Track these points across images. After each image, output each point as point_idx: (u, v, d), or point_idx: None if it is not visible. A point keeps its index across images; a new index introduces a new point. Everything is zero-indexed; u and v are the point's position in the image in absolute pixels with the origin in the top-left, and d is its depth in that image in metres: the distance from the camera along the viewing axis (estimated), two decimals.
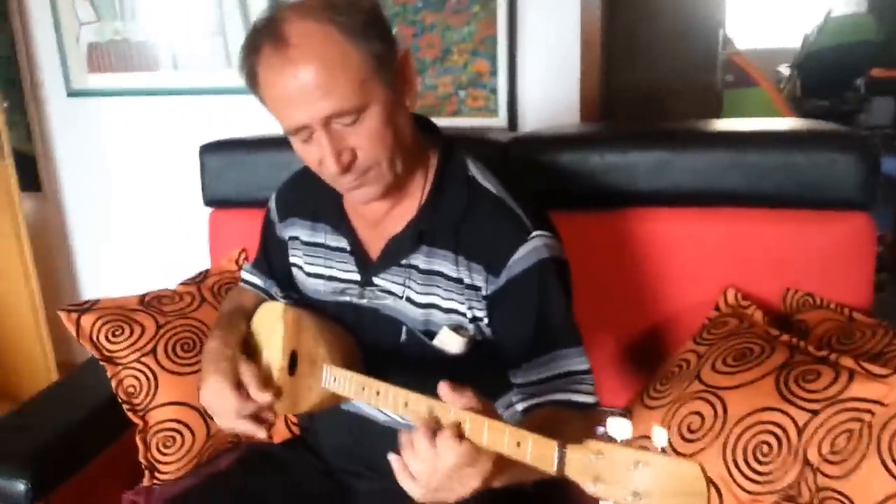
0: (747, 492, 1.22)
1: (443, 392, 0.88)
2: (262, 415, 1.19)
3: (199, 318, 1.71)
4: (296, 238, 1.38)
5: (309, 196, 1.33)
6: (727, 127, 1.74)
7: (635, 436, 1.35)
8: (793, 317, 1.47)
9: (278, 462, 1.42)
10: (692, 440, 1.29)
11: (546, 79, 2.24)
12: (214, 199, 1.97)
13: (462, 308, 1.18)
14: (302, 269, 1.37)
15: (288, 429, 1.67)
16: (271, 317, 1.28)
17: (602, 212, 1.63)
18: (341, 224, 1.29)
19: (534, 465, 0.79)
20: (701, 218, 1.58)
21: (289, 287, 1.42)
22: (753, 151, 1.53)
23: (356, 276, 1.27)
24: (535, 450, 0.78)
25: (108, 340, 1.62)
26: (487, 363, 1.19)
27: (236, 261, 1.89)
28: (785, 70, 4.87)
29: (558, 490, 0.77)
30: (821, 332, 1.38)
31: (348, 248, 1.28)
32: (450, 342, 1.18)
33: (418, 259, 1.20)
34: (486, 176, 1.23)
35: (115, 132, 2.76)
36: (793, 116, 3.76)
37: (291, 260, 1.39)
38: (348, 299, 1.28)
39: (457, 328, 1.18)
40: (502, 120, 2.28)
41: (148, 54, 2.61)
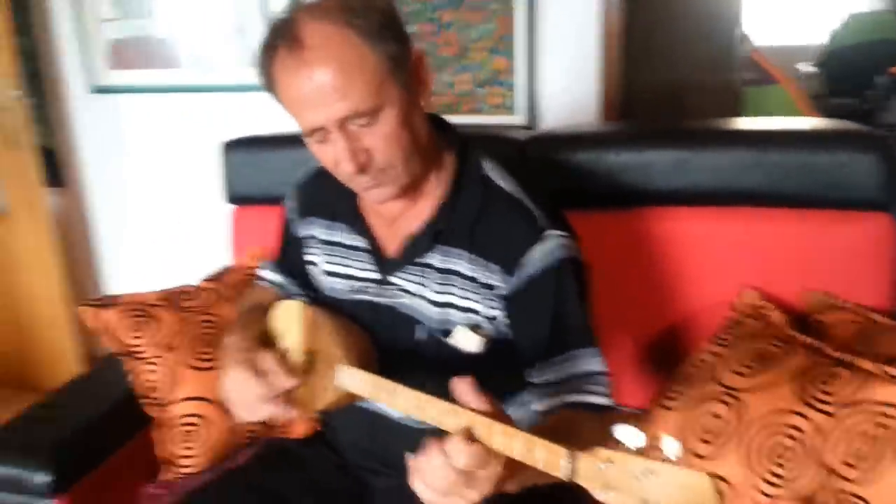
0: (765, 495, 1.21)
1: (462, 389, 0.87)
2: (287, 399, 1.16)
3: (220, 314, 1.72)
4: (313, 236, 1.39)
5: (326, 195, 1.34)
6: (745, 125, 1.73)
7: (650, 436, 1.36)
8: (812, 318, 1.46)
9: (296, 458, 1.43)
10: (710, 442, 1.29)
11: (565, 77, 2.24)
12: (237, 196, 1.98)
13: (478, 307, 1.18)
14: (319, 268, 1.37)
15: (307, 425, 1.67)
16: (288, 315, 1.29)
17: (620, 211, 1.62)
18: (358, 223, 1.30)
19: (547, 472, 0.78)
20: (719, 217, 1.57)
21: (306, 285, 1.43)
22: (773, 150, 1.52)
23: (373, 275, 1.28)
24: (546, 456, 0.78)
25: (130, 335, 1.63)
26: (503, 362, 1.19)
27: (258, 257, 1.90)
28: (804, 68, 4.83)
29: (571, 492, 0.77)
30: (840, 334, 1.37)
31: (365, 247, 1.29)
32: (466, 341, 1.19)
33: (434, 258, 1.21)
34: (502, 175, 1.23)
35: (137, 128, 2.78)
36: (815, 115, 3.72)
37: (308, 258, 1.40)
38: (365, 298, 1.29)
39: (473, 327, 1.19)
40: (521, 118, 2.28)
41: (169, 51, 2.63)
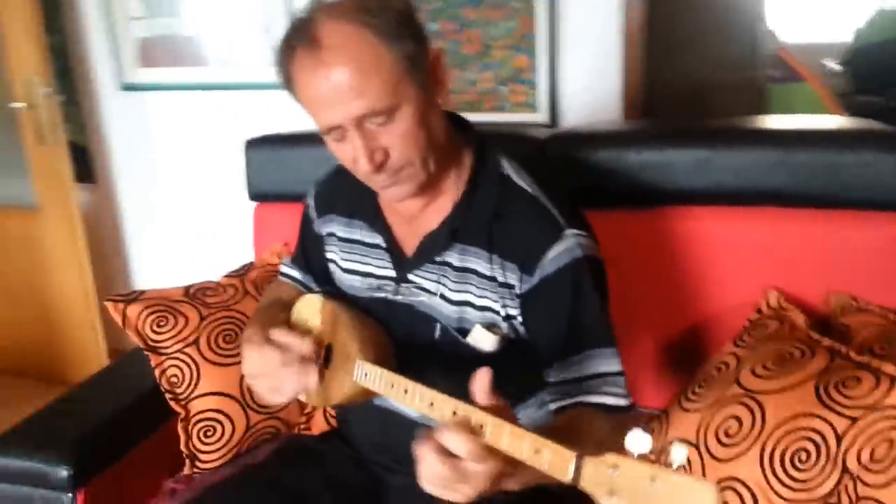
0: (784, 499, 1.20)
1: (480, 383, 0.88)
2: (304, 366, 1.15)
3: (242, 311, 1.74)
4: (332, 234, 1.39)
5: (345, 193, 1.34)
6: (769, 124, 1.71)
7: (670, 438, 1.35)
8: (835, 320, 1.44)
9: (314, 454, 1.44)
10: (729, 445, 1.27)
11: (587, 75, 2.23)
12: (259, 194, 2.00)
13: (496, 306, 1.18)
14: (338, 265, 1.38)
15: (326, 421, 1.69)
16: (310, 309, 1.30)
17: (641, 210, 1.61)
18: (377, 221, 1.30)
19: (553, 476, 0.78)
20: (742, 217, 1.55)
21: (325, 282, 1.44)
22: (796, 150, 1.50)
23: (391, 273, 1.28)
24: (553, 459, 0.78)
25: (153, 330, 1.66)
26: (521, 362, 1.19)
27: (279, 254, 1.92)
28: (831, 65, 4.75)
29: (578, 495, 0.77)
30: (863, 337, 1.35)
31: (384, 245, 1.30)
32: (483, 340, 1.19)
33: (452, 256, 1.21)
34: (520, 174, 1.23)
35: (165, 126, 2.81)
36: (841, 113, 3.67)
37: (328, 256, 1.41)
38: (383, 295, 1.29)
39: (490, 326, 1.19)
40: (543, 116, 2.27)
41: (196, 50, 2.66)
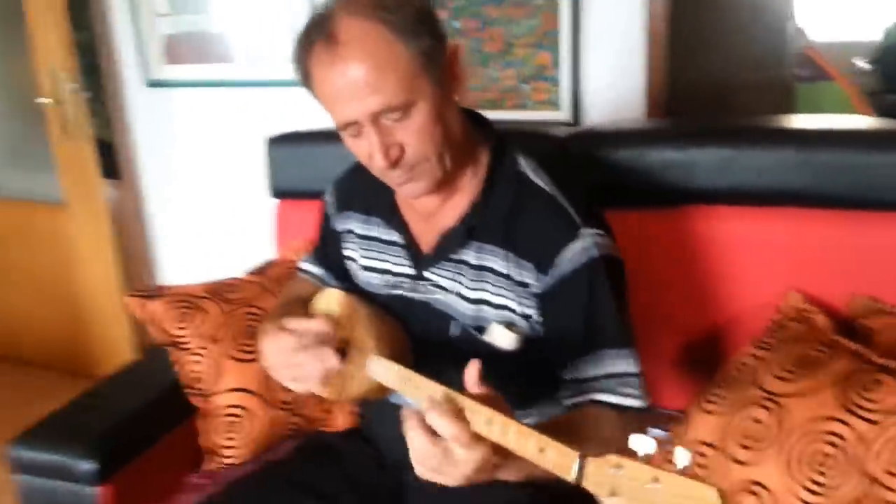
0: (806, 503, 1.19)
1: (468, 375, 0.91)
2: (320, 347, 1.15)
3: (263, 307, 1.74)
4: (350, 231, 1.40)
5: (363, 190, 1.35)
6: (793, 123, 1.70)
7: (690, 440, 1.34)
8: (858, 322, 1.43)
9: (335, 452, 1.45)
10: (750, 448, 1.26)
11: (610, 73, 2.21)
12: (280, 191, 2.01)
13: (512, 304, 1.18)
14: (356, 262, 1.39)
15: (348, 419, 1.70)
16: (328, 303, 1.30)
17: (662, 210, 1.60)
18: (394, 218, 1.31)
19: (556, 474, 0.80)
20: (764, 218, 1.54)
21: (344, 278, 1.44)
22: (821, 150, 1.48)
23: (408, 270, 1.29)
24: (557, 458, 0.79)
25: (175, 326, 1.67)
26: (539, 360, 1.19)
27: (301, 251, 1.92)
28: (860, 64, 4.68)
29: (582, 496, 0.78)
30: (886, 340, 1.34)
31: (401, 242, 1.30)
32: (500, 338, 1.19)
33: (468, 254, 1.21)
34: (538, 172, 1.22)
35: (191, 122, 2.83)
36: (869, 112, 3.62)
37: (345, 252, 1.42)
38: (400, 292, 1.30)
39: (508, 324, 1.19)
40: (566, 114, 2.26)
41: (223, 47, 2.67)
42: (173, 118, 2.85)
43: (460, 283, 1.22)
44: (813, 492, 1.19)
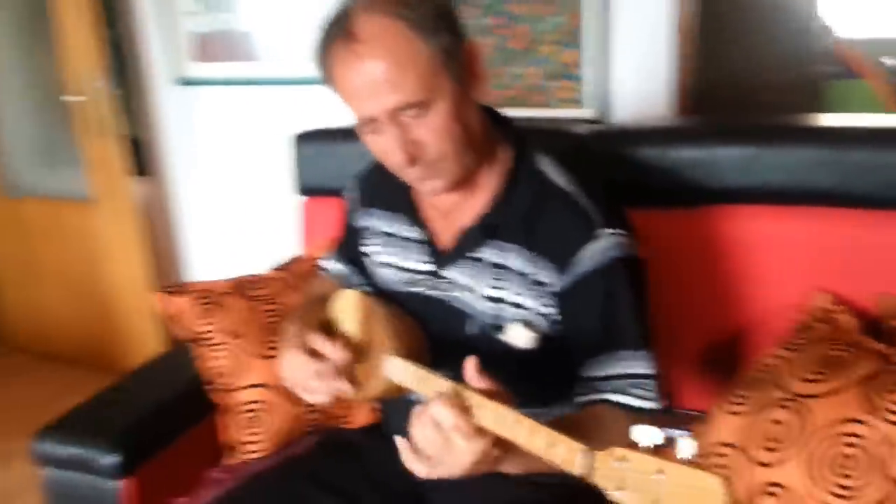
0: None
1: (467, 369, 0.92)
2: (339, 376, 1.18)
3: (286, 303, 1.75)
4: (371, 227, 1.41)
5: (384, 186, 1.35)
6: (819, 121, 1.67)
7: (713, 441, 1.33)
8: (886, 323, 1.40)
9: (354, 448, 1.45)
10: (773, 449, 1.24)
11: (637, 70, 2.19)
12: (306, 187, 2.02)
13: (531, 303, 1.18)
14: (375, 259, 1.39)
15: (369, 415, 1.70)
16: (346, 304, 1.31)
17: (686, 209, 1.58)
18: (414, 215, 1.31)
19: (562, 468, 0.81)
20: (790, 217, 1.52)
21: (366, 275, 1.45)
22: (847, 148, 1.46)
23: (427, 267, 1.29)
24: (564, 452, 0.81)
25: (198, 322, 1.68)
26: (556, 360, 1.19)
27: (326, 248, 1.93)
28: (890, 62, 4.60)
29: (592, 494, 0.79)
30: None
31: (420, 239, 1.30)
32: (518, 337, 1.19)
33: (487, 252, 1.21)
34: (558, 171, 1.22)
35: (220, 119, 2.85)
36: None
37: (364, 249, 1.42)
38: (419, 290, 1.30)
39: (526, 323, 1.18)
40: (591, 112, 2.25)
41: (251, 45, 2.69)
42: (202, 115, 2.88)
43: (478, 282, 1.22)
44: (835, 494, 1.16)
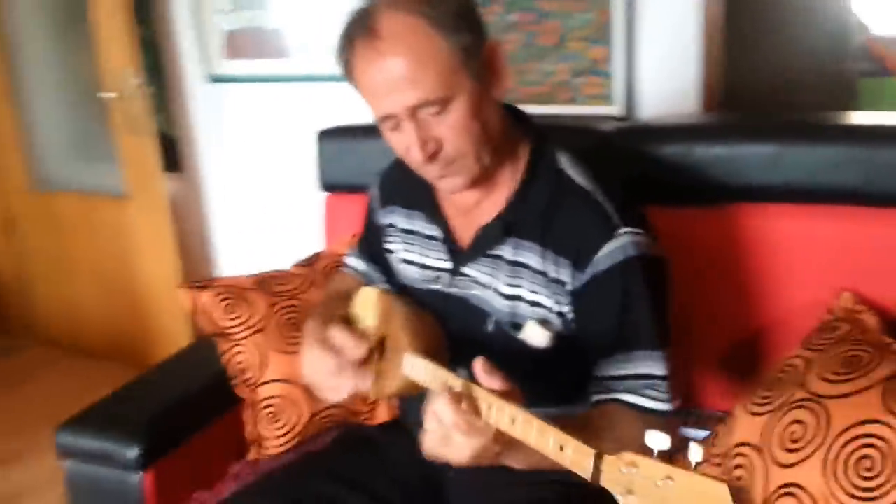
0: None
1: (477, 370, 0.93)
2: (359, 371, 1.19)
3: (309, 300, 1.76)
4: (393, 225, 1.41)
5: (406, 184, 1.35)
6: (845, 119, 1.65)
7: (734, 442, 1.32)
8: None
9: (374, 443, 1.46)
10: (793, 450, 1.23)
11: (665, 66, 2.17)
12: (329, 184, 2.03)
13: (548, 302, 1.18)
14: (397, 256, 1.40)
15: (389, 412, 1.71)
16: (366, 301, 1.32)
17: (710, 207, 1.57)
18: (434, 212, 1.31)
19: (572, 471, 0.81)
20: (814, 215, 1.49)
21: (388, 272, 1.45)
22: (872, 146, 1.43)
23: (447, 265, 1.29)
24: (574, 455, 0.81)
25: (222, 317, 1.70)
26: (573, 359, 1.19)
27: (348, 245, 1.94)
28: None
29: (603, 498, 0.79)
30: None
31: (440, 237, 1.31)
32: (535, 336, 1.19)
33: (505, 250, 1.21)
34: (577, 169, 1.21)
35: (251, 116, 2.87)
36: None
37: (387, 246, 1.43)
38: (439, 287, 1.30)
39: (542, 322, 1.18)
40: (619, 108, 2.23)
41: (281, 42, 2.71)
42: (232, 112, 2.90)
43: (496, 279, 1.22)
44: (854, 495, 1.14)
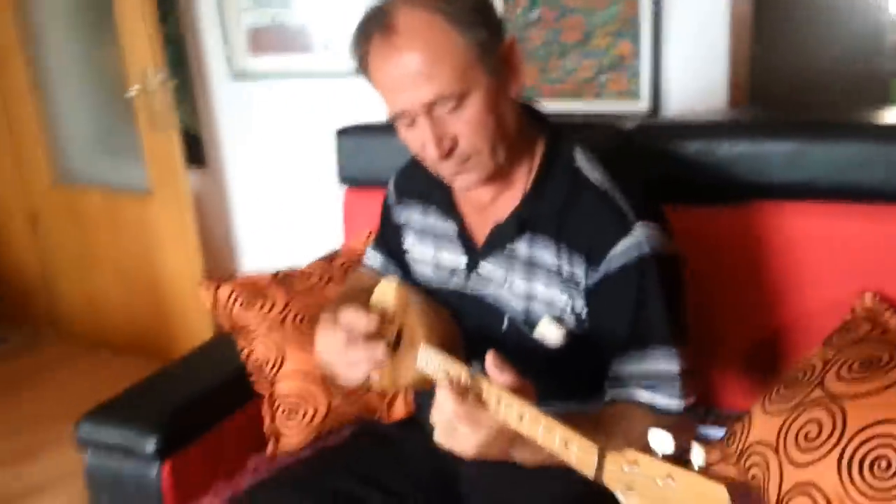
0: None
1: (488, 365, 0.93)
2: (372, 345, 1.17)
3: (327, 296, 1.76)
4: (409, 222, 1.41)
5: (422, 181, 1.35)
6: (870, 117, 1.62)
7: (751, 441, 1.30)
8: None
9: (389, 440, 1.46)
10: (808, 450, 1.21)
11: (692, 62, 2.14)
12: (349, 180, 2.03)
13: (562, 299, 1.17)
14: (413, 253, 1.39)
15: (407, 409, 1.70)
16: (385, 293, 1.32)
17: (732, 205, 1.55)
18: (450, 210, 1.31)
19: (575, 467, 0.81)
20: (838, 214, 1.47)
21: (405, 268, 1.45)
22: None
23: (462, 262, 1.29)
24: (578, 452, 0.81)
25: (241, 312, 1.70)
26: (587, 356, 1.18)
27: (366, 241, 1.94)
28: None
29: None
30: None
31: (455, 234, 1.30)
32: (549, 334, 1.18)
33: (520, 248, 1.20)
34: (594, 165, 1.20)
35: (275, 112, 2.88)
36: None
37: (404, 243, 1.42)
38: (454, 285, 1.30)
39: (556, 319, 1.17)
40: (644, 104, 2.21)
41: (305, 39, 2.71)
42: (256, 108, 2.91)
43: (511, 277, 1.21)
44: (872, 497, 1.13)
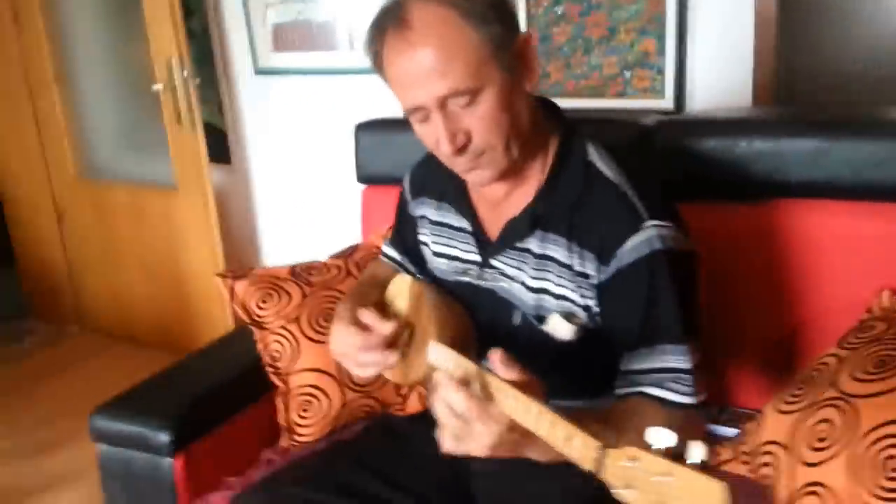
0: None
1: (493, 361, 0.92)
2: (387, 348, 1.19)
3: (343, 290, 1.78)
4: (424, 217, 1.41)
5: (436, 176, 1.35)
6: (891, 115, 1.59)
7: (763, 440, 1.28)
8: None
9: (402, 435, 1.47)
10: (819, 449, 1.20)
11: (717, 60, 2.11)
12: (367, 176, 2.03)
13: (573, 295, 1.16)
14: (428, 248, 1.40)
15: (419, 403, 1.71)
16: (399, 289, 1.33)
17: (751, 203, 1.53)
18: (464, 205, 1.31)
19: (577, 463, 0.80)
20: (858, 212, 1.45)
21: (421, 263, 1.46)
22: None
23: (476, 257, 1.29)
24: (580, 447, 0.80)
25: (258, 306, 1.72)
26: (598, 352, 1.17)
27: (383, 235, 1.94)
28: None
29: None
30: None
31: (469, 229, 1.30)
32: (560, 329, 1.18)
33: (533, 243, 1.20)
34: (607, 162, 1.19)
35: (298, 108, 2.89)
36: None
37: (420, 238, 1.43)
38: (468, 279, 1.30)
39: (567, 315, 1.17)
40: (669, 101, 2.18)
41: (329, 35, 2.72)
42: (279, 105, 2.92)
43: (523, 272, 1.21)
44: (877, 496, 1.11)
